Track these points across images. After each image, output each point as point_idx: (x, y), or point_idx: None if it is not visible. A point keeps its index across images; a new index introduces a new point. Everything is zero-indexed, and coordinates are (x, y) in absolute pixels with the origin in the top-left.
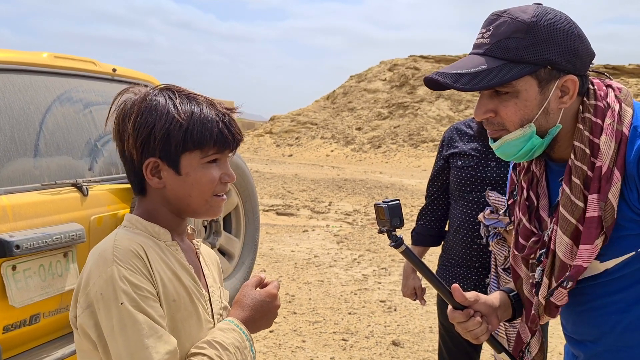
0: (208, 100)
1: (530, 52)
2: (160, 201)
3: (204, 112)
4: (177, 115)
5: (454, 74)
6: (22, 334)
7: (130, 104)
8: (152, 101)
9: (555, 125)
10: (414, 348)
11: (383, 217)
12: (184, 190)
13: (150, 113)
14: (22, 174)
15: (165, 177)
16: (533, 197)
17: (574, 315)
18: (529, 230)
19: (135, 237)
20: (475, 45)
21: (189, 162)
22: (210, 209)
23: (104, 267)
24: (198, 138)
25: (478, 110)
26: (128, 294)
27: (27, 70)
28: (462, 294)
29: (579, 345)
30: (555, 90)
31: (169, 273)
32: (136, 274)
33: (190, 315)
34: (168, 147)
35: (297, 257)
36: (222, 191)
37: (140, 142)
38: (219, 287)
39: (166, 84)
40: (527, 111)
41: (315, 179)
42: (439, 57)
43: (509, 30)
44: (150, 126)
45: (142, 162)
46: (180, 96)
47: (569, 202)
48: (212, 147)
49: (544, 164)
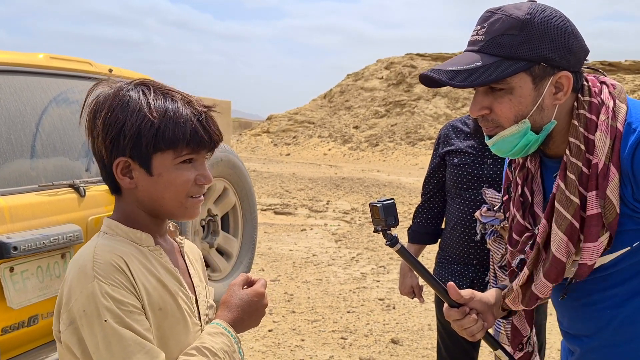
0: (185, 97)
1: (525, 48)
2: (135, 202)
3: (178, 110)
4: (148, 112)
5: (449, 70)
6: (20, 336)
7: (102, 99)
8: (125, 97)
9: (550, 122)
10: (413, 346)
11: (378, 217)
12: (156, 192)
13: (122, 109)
14: (19, 175)
15: (137, 177)
16: (528, 193)
17: (570, 310)
18: (523, 226)
19: (116, 247)
20: (470, 42)
21: (162, 162)
22: (185, 211)
23: (84, 282)
24: (170, 137)
25: (473, 107)
26: (111, 311)
27: (23, 71)
28: (457, 291)
29: (575, 340)
30: (549, 87)
31: (153, 281)
32: (119, 289)
33: (177, 321)
34: (139, 147)
35: (296, 256)
36: (198, 193)
37: (110, 140)
38: (204, 286)
39: (142, 78)
40: (521, 107)
41: (313, 178)
42: (436, 55)
43: (503, 27)
44: (121, 124)
45: (112, 161)
46: (155, 92)
47: (564, 198)
48: (185, 147)
49: (539, 160)
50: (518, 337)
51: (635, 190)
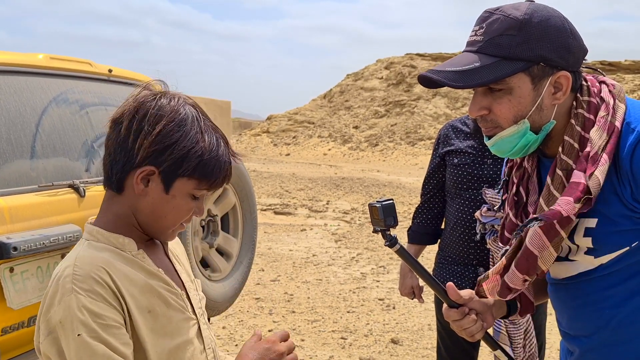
0: (225, 138)
1: (523, 49)
2: (133, 208)
3: (220, 150)
4: (201, 141)
5: (448, 71)
6: (20, 336)
7: (158, 106)
8: (181, 112)
9: (549, 122)
10: (413, 346)
11: (377, 217)
12: (162, 209)
13: (179, 127)
14: (18, 175)
15: (152, 189)
16: (522, 193)
17: (569, 310)
18: (515, 224)
19: (98, 256)
20: (469, 42)
21: (182, 186)
22: (172, 234)
23: (62, 295)
24: (208, 173)
25: (472, 107)
26: (86, 325)
27: (23, 71)
28: (456, 292)
29: (574, 340)
30: (548, 87)
31: (138, 285)
32: (97, 302)
33: (169, 320)
34: (176, 167)
35: (296, 256)
36: (189, 222)
37: (154, 149)
38: (193, 280)
39: (182, 94)
40: (520, 108)
41: (313, 178)
42: (436, 55)
43: (501, 28)
44: (174, 140)
45: (141, 164)
46: (205, 120)
47: (547, 193)
48: (212, 183)
49: (536, 160)
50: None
51: (634, 190)
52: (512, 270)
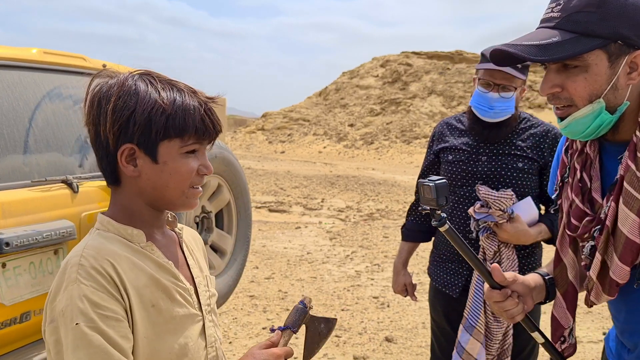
0: (189, 88)
1: (602, 25)
2: (136, 192)
3: (186, 100)
4: (159, 100)
5: (525, 45)
6: (12, 332)
7: (106, 88)
8: (132, 85)
9: (623, 102)
10: (407, 344)
11: (429, 196)
12: (161, 180)
13: (131, 97)
14: (11, 170)
15: (141, 165)
16: (586, 179)
17: (628, 304)
18: (582, 210)
19: (105, 247)
20: (544, 19)
21: (168, 150)
22: (186, 200)
23: (67, 283)
24: (180, 125)
25: (544, 85)
26: (85, 314)
27: (16, 66)
28: (501, 273)
29: (635, 335)
30: (624, 66)
31: (144, 279)
32: (99, 292)
33: (172, 315)
34: (148, 134)
35: (290, 254)
36: (199, 183)
37: (118, 127)
38: (205, 276)
39: (143, 69)
40: (596, 86)
41: (308, 176)
42: (432, 53)
43: (580, 4)
44: (131, 110)
45: (117, 148)
46: (161, 82)
47: (635, 178)
48: (192, 135)
49: (597, 145)
50: (560, 329)
51: None
52: (618, 265)
